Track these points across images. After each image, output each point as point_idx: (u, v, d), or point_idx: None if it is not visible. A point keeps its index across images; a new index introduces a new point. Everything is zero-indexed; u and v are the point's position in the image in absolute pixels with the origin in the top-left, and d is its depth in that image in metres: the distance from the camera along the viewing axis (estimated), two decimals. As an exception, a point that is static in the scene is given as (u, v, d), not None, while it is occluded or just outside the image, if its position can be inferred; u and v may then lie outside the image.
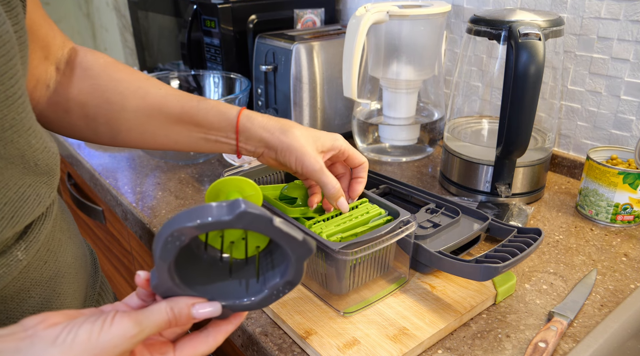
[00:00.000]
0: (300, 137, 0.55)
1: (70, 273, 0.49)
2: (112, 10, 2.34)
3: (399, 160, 0.99)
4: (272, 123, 0.56)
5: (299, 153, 0.54)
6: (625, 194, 0.72)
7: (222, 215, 0.32)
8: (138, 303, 0.38)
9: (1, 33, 0.35)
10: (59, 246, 0.48)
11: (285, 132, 0.55)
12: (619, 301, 0.59)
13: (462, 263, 0.55)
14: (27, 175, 0.40)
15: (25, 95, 0.39)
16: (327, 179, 0.55)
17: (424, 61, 0.94)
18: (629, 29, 0.79)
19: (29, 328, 0.32)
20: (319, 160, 0.55)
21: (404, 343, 0.51)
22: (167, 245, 0.33)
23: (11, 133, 0.37)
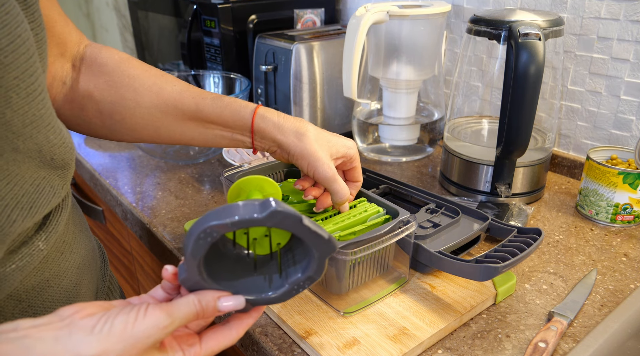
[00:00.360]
0: (314, 142, 0.55)
1: (85, 265, 0.51)
2: (112, 10, 2.34)
3: (399, 160, 0.99)
4: (287, 124, 0.56)
5: (312, 159, 0.55)
6: (625, 194, 0.72)
7: (254, 213, 0.34)
8: (163, 296, 0.39)
9: (20, 32, 0.36)
10: (74, 238, 0.49)
11: (300, 136, 0.55)
12: (619, 301, 0.59)
13: (462, 263, 0.55)
14: (42, 168, 0.41)
15: (45, 91, 0.41)
16: (339, 187, 0.56)
17: (424, 61, 0.94)
18: (629, 29, 0.79)
19: (65, 317, 0.33)
20: (331, 166, 0.56)
21: (404, 343, 0.51)
22: (198, 241, 0.34)
23: (31, 129, 0.39)
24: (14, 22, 0.35)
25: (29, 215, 0.40)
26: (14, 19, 0.35)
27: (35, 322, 0.33)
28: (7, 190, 0.38)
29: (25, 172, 0.39)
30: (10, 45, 0.35)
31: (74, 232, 0.50)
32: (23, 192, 0.39)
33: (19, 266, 0.40)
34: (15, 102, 0.36)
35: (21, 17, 0.37)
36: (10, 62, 0.35)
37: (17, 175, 0.39)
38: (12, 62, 0.35)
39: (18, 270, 0.40)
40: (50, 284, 0.45)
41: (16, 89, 0.36)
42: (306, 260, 0.39)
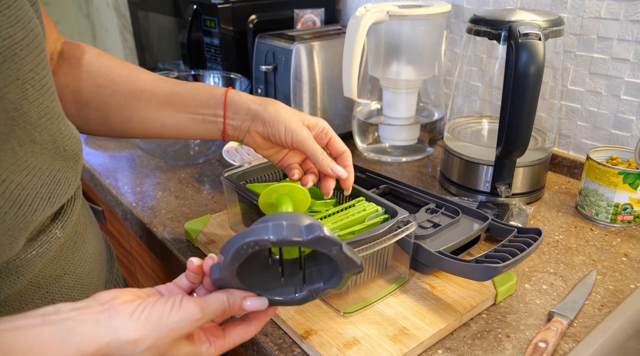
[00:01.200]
0: (286, 110, 0.57)
1: (95, 255, 0.53)
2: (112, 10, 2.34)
3: (399, 160, 0.99)
4: (257, 98, 0.58)
5: (287, 123, 0.56)
6: (625, 194, 0.72)
7: (299, 236, 0.36)
8: (187, 285, 0.42)
9: (32, 27, 0.37)
10: (85, 229, 0.51)
11: (273, 103, 0.57)
12: (619, 302, 0.59)
13: (462, 263, 0.55)
14: (57, 160, 0.43)
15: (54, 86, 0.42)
16: (317, 146, 0.56)
17: (424, 61, 0.94)
18: (629, 29, 0.79)
19: (104, 302, 0.35)
20: (304, 130, 0.56)
21: (404, 343, 0.51)
22: (240, 251, 0.36)
23: (45, 121, 0.40)
24: (26, 17, 0.37)
25: (48, 204, 0.42)
26: (25, 14, 0.37)
27: (75, 305, 0.35)
28: (27, 180, 0.40)
29: (42, 163, 0.41)
30: (25, 39, 0.36)
31: (84, 223, 0.52)
32: (41, 182, 0.41)
33: (39, 252, 0.43)
34: (31, 94, 0.38)
35: (31, 13, 0.38)
36: (25, 55, 0.36)
37: (36, 167, 0.41)
38: (27, 55, 0.37)
39: (38, 257, 0.43)
40: (66, 272, 0.47)
41: (31, 81, 0.38)
42: (330, 272, 0.40)
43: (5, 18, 0.34)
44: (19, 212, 0.39)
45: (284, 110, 0.57)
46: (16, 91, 0.36)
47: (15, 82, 0.36)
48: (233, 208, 0.69)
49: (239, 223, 0.70)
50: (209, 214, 0.77)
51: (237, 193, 0.66)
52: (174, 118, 0.59)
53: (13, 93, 0.36)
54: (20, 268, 0.41)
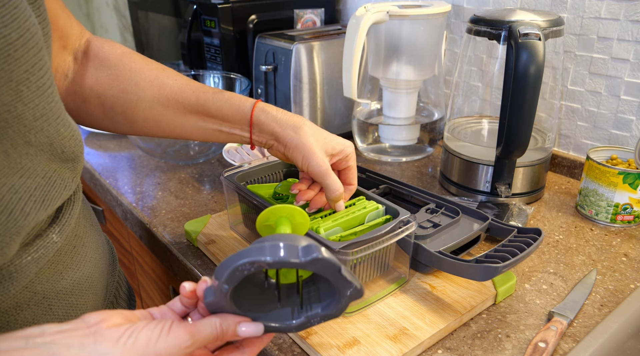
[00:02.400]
0: (310, 136, 0.56)
1: (95, 258, 0.52)
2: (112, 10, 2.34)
3: (399, 160, 0.99)
4: (285, 118, 0.57)
5: (306, 153, 0.55)
6: (625, 194, 0.72)
7: (296, 258, 0.34)
8: (181, 309, 0.41)
9: (28, 26, 0.36)
10: (85, 232, 0.50)
11: (297, 129, 0.56)
12: (619, 301, 0.59)
13: (462, 263, 0.55)
14: (53, 161, 0.42)
15: (54, 85, 0.41)
16: (331, 181, 0.56)
17: (424, 61, 0.94)
18: (629, 29, 0.79)
19: (92, 325, 0.34)
20: (325, 161, 0.56)
21: (404, 343, 0.51)
22: (235, 273, 0.35)
23: (42, 123, 0.39)
24: (22, 16, 0.35)
25: (42, 207, 0.41)
26: (22, 12, 0.36)
27: (61, 327, 0.33)
28: (21, 183, 0.39)
29: (37, 165, 0.40)
30: (20, 39, 0.35)
31: (85, 225, 0.51)
32: (35, 185, 0.40)
33: (34, 258, 0.42)
34: (26, 96, 0.37)
35: (29, 11, 0.37)
36: (20, 56, 0.35)
37: (30, 169, 0.40)
38: (22, 56, 0.36)
39: (33, 262, 0.42)
40: (63, 276, 0.46)
41: (26, 83, 0.37)
42: (329, 298, 0.39)
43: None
44: (11, 216, 0.38)
45: (306, 137, 0.56)
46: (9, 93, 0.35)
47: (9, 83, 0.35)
48: (233, 208, 0.69)
49: (239, 223, 0.70)
50: (209, 214, 0.77)
51: (237, 194, 0.66)
52: (201, 127, 0.59)
53: (6, 95, 0.35)
54: (14, 274, 0.40)
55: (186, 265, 0.68)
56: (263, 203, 0.60)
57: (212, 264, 0.67)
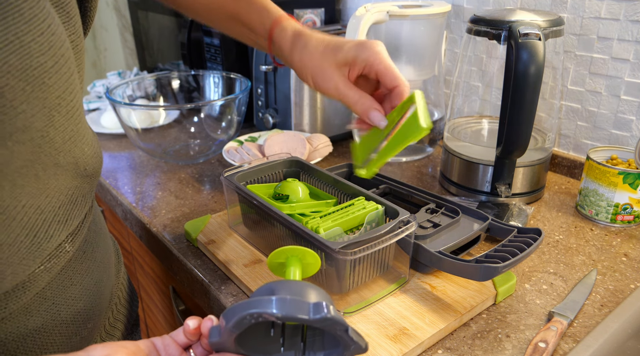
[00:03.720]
0: (316, 51, 0.53)
1: (104, 263, 0.52)
2: (112, 10, 2.34)
3: (399, 160, 0.99)
4: (300, 39, 0.56)
5: (314, 72, 0.52)
6: (625, 194, 0.72)
7: (306, 314, 0.34)
8: (184, 341, 0.40)
9: (63, 51, 0.36)
10: (94, 237, 0.51)
11: (303, 48, 0.54)
12: (619, 301, 0.59)
13: (462, 263, 0.55)
14: (75, 178, 0.43)
15: (81, 106, 0.42)
16: (349, 94, 0.50)
17: (424, 61, 0.94)
18: (629, 29, 0.79)
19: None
20: (334, 77, 0.51)
21: (404, 343, 0.51)
22: (243, 321, 0.35)
23: (70, 145, 0.40)
24: (58, 42, 0.36)
25: (64, 228, 0.42)
26: (58, 38, 0.36)
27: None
28: (46, 203, 0.39)
29: (62, 183, 0.41)
30: (55, 66, 0.36)
31: (94, 231, 0.51)
32: (59, 203, 0.41)
33: (47, 267, 0.42)
34: (57, 120, 0.38)
35: (64, 35, 0.37)
36: (53, 82, 0.36)
37: (55, 188, 0.40)
38: (55, 82, 0.36)
39: (46, 272, 0.42)
40: (73, 282, 0.46)
41: (58, 108, 0.37)
42: (333, 348, 0.39)
43: (37, 46, 0.34)
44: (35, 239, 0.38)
45: (311, 54, 0.53)
46: (43, 119, 0.36)
47: (42, 110, 0.36)
48: (233, 208, 0.69)
49: (239, 223, 0.70)
50: (209, 214, 0.77)
51: (237, 194, 0.66)
52: (238, 33, 0.64)
53: (40, 121, 0.36)
54: (27, 284, 0.40)
55: (186, 265, 0.68)
56: (263, 203, 0.60)
57: (212, 264, 0.67)
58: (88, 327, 0.49)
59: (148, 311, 1.07)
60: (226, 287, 0.62)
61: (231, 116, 0.98)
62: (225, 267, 0.64)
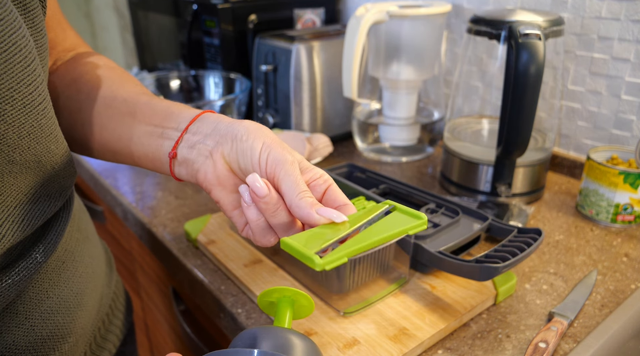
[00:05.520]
0: (271, 132, 0.43)
1: (88, 273, 0.49)
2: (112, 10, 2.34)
3: (399, 160, 0.99)
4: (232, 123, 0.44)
5: (267, 140, 0.40)
6: (626, 194, 0.72)
7: None
8: None
9: (16, 38, 0.33)
10: (77, 246, 0.47)
11: (254, 122, 0.43)
12: (620, 302, 0.59)
13: (462, 263, 0.55)
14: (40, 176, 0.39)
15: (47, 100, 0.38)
16: (300, 178, 0.39)
17: (424, 61, 0.94)
18: (630, 28, 0.79)
19: None
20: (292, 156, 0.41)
21: (404, 343, 0.51)
22: None
23: (29, 141, 0.36)
24: (9, 29, 0.33)
25: (19, 228, 0.37)
26: (9, 25, 0.33)
27: None
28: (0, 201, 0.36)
29: (22, 182, 0.38)
30: (3, 54, 0.33)
31: (77, 239, 0.48)
32: (16, 203, 0.37)
33: (15, 281, 0.38)
34: (10, 114, 0.34)
35: (19, 22, 0.34)
36: (3, 72, 0.33)
37: (12, 186, 0.37)
38: (5, 72, 0.33)
39: (14, 285, 0.38)
40: (49, 295, 0.43)
41: (10, 101, 0.34)
42: None
43: None
44: None
45: (268, 130, 0.42)
46: None
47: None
48: (233, 208, 0.69)
49: (238, 223, 0.70)
50: (209, 214, 0.77)
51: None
52: (132, 129, 0.47)
53: None
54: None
55: (186, 265, 0.68)
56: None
57: (212, 264, 0.67)
58: (69, 342, 0.46)
59: (148, 312, 1.07)
60: (226, 287, 0.62)
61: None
62: (225, 267, 0.64)
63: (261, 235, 0.41)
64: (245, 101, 0.99)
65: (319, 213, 0.38)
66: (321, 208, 0.38)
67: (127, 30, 2.22)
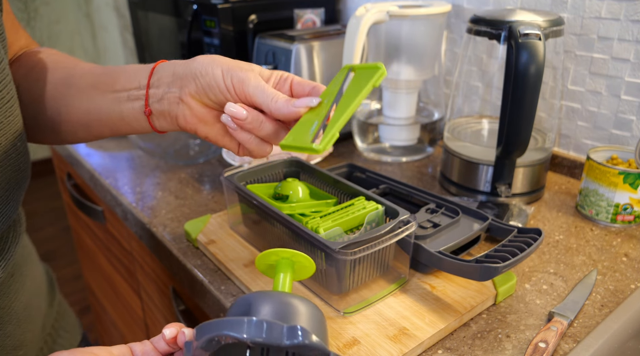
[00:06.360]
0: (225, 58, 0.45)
1: (33, 288, 0.49)
2: (112, 10, 2.34)
3: (399, 160, 0.99)
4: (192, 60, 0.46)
5: (225, 65, 0.42)
6: (626, 194, 0.72)
7: (279, 339, 0.31)
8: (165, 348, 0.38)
9: None
10: (23, 261, 0.47)
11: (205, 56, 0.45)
12: (620, 302, 0.59)
13: (462, 263, 0.55)
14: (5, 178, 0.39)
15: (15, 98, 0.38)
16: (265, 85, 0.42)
17: (424, 61, 0.94)
18: (630, 28, 0.79)
19: None
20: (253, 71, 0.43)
21: (404, 343, 0.51)
22: (212, 342, 0.32)
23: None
24: None
25: None
26: None
27: None
28: None
29: None
30: None
31: (22, 254, 0.48)
32: None
33: None
34: None
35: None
36: None
37: None
38: None
39: None
40: (0, 306, 0.43)
41: None
42: None
43: None
44: None
45: (220, 56, 0.44)
46: None
47: None
48: (233, 208, 0.69)
49: (239, 223, 0.70)
50: (209, 214, 0.77)
51: (237, 194, 0.66)
52: (99, 100, 0.48)
53: None
54: None
55: (186, 265, 0.68)
56: (263, 203, 0.60)
57: (212, 264, 0.67)
58: (19, 355, 0.46)
59: (148, 312, 1.07)
60: (226, 287, 0.62)
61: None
62: (225, 266, 0.64)
63: (257, 148, 0.45)
64: (245, 101, 0.99)
65: (296, 106, 0.42)
66: (296, 101, 0.42)
67: (127, 30, 2.22)
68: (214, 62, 0.43)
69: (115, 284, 1.24)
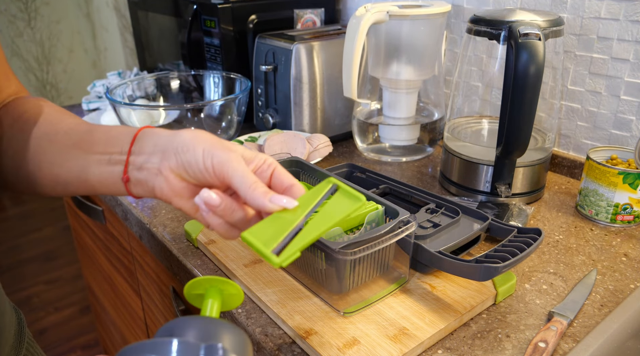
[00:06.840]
0: (210, 135, 0.45)
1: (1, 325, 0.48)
2: (112, 10, 2.34)
3: (399, 160, 0.99)
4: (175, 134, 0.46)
5: (206, 145, 0.43)
6: (625, 194, 0.72)
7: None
8: None
9: None
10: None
11: (191, 130, 0.45)
12: (619, 301, 0.59)
13: (462, 263, 0.55)
14: None
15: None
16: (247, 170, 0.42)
17: (424, 61, 0.94)
18: (629, 29, 0.79)
19: None
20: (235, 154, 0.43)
21: (404, 343, 0.51)
22: None
23: None
24: None
25: None
26: None
27: None
28: None
29: None
30: None
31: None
32: None
33: None
34: None
35: None
36: None
37: None
38: None
39: None
40: None
41: None
42: None
43: None
44: None
45: (204, 133, 0.44)
46: None
47: None
48: (233, 208, 0.69)
49: (239, 223, 0.70)
50: (209, 214, 0.77)
51: (237, 193, 0.66)
52: (80, 160, 0.48)
53: None
54: None
55: (186, 265, 0.68)
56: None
57: (212, 264, 0.67)
58: None
59: (148, 312, 1.07)
60: (226, 287, 0.62)
61: (231, 116, 0.98)
62: (225, 267, 0.64)
63: (226, 232, 0.44)
64: (245, 101, 0.99)
65: (271, 202, 0.41)
66: (274, 196, 0.41)
67: (127, 30, 2.22)
68: (196, 139, 0.43)
69: (115, 284, 1.24)
